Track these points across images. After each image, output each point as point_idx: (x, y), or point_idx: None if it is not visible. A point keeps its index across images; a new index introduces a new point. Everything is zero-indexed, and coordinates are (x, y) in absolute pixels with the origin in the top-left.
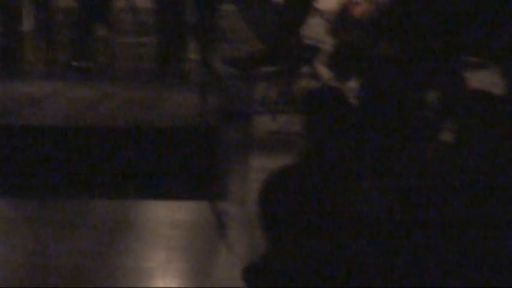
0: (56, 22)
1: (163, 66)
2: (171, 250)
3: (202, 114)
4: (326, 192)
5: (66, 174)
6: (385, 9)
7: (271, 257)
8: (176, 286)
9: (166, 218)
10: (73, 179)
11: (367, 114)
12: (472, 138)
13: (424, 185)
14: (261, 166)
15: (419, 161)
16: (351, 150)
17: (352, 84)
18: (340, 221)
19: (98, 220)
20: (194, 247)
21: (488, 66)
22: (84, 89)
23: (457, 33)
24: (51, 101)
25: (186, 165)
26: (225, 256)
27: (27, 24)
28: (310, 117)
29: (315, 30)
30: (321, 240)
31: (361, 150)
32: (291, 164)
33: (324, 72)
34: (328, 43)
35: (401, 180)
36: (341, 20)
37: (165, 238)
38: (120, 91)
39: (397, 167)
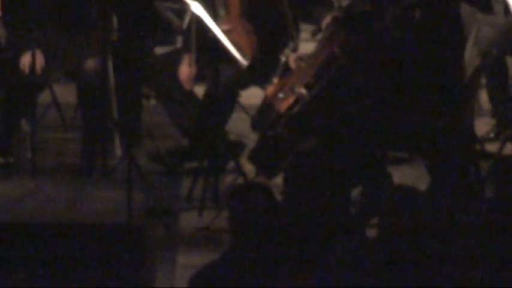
0: None
1: (88, 162)
2: None
3: (128, 211)
4: None
5: None
6: (308, 104)
7: None
8: None
9: None
10: None
11: (292, 210)
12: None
13: None
14: (188, 263)
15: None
16: (277, 247)
17: (277, 180)
18: None
19: None
20: None
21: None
22: (7, 185)
23: (381, 128)
24: None
25: (112, 262)
26: None
27: None
28: (235, 214)
29: (238, 125)
30: None
31: (288, 248)
32: (218, 261)
33: (249, 168)
34: (252, 138)
35: None
36: (265, 115)
37: None
38: (43, 187)
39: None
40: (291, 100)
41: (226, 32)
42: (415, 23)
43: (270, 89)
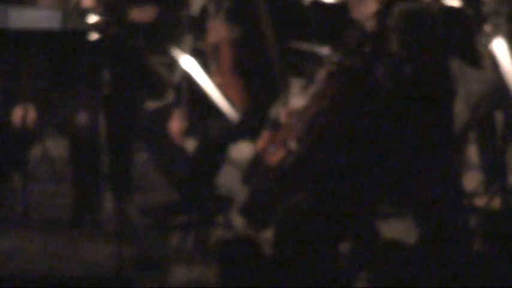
0: None
1: (79, 215)
2: None
3: (118, 264)
4: None
5: None
6: (298, 158)
7: None
8: None
9: None
10: None
11: (282, 264)
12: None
13: None
14: None
15: None
16: None
17: (267, 234)
18: None
19: None
20: None
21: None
22: None
23: (372, 182)
24: None
25: None
26: None
27: None
28: (224, 268)
29: (229, 179)
30: None
31: None
32: None
33: (239, 222)
34: (242, 192)
35: None
36: (255, 169)
37: None
38: (34, 240)
39: None
40: (281, 154)
41: (217, 86)
42: (405, 77)
43: (260, 142)
